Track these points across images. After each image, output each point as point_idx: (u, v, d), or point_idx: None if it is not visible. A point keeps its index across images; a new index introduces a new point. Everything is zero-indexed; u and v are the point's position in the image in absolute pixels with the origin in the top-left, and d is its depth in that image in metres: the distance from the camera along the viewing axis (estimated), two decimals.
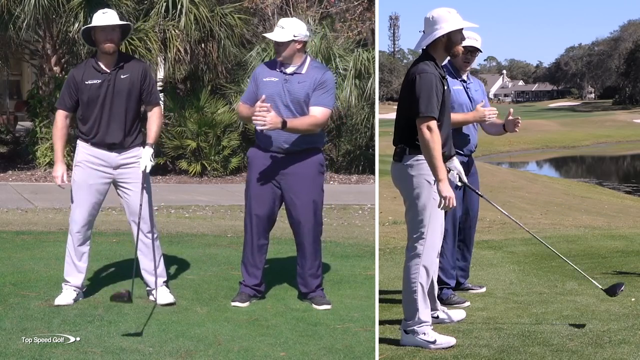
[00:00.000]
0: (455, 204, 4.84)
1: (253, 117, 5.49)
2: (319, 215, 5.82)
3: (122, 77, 5.62)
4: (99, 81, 5.60)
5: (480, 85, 6.41)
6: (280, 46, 5.68)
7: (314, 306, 5.78)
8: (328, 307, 5.77)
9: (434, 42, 4.96)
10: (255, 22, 16.79)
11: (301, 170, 5.73)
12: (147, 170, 5.62)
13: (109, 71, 5.63)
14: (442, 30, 4.91)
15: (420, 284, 4.94)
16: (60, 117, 5.72)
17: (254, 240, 5.85)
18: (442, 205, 4.81)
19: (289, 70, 5.72)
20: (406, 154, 4.98)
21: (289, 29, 5.67)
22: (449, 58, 5.62)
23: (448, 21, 4.92)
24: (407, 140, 4.99)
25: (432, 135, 4.79)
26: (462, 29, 5.01)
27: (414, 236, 4.98)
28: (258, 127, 5.54)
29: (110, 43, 5.58)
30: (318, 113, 5.66)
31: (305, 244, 5.83)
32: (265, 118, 5.43)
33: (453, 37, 4.96)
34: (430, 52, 5.00)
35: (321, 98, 5.67)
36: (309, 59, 5.81)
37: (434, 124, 4.81)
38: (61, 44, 14.84)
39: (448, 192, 4.77)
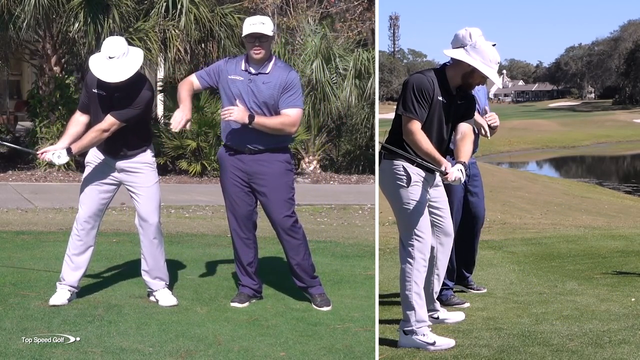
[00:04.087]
0: (462, 179, 4.82)
1: (221, 111, 5.55)
2: (290, 214, 5.79)
3: (116, 94, 5.49)
4: (104, 93, 5.53)
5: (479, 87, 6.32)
6: (265, 42, 5.62)
7: (315, 307, 5.78)
8: (329, 308, 5.77)
9: (459, 63, 4.92)
10: None
11: (268, 170, 5.72)
12: (43, 158, 5.49)
13: (112, 86, 5.50)
14: (474, 62, 4.85)
15: (415, 282, 4.95)
16: (75, 115, 5.69)
17: (238, 239, 5.88)
18: (453, 179, 4.79)
19: (254, 70, 5.67)
20: (383, 159, 5.02)
21: (269, 24, 5.64)
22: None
23: (485, 61, 4.86)
24: (387, 143, 5.02)
25: (412, 136, 4.83)
26: (486, 77, 4.94)
27: (403, 237, 5.01)
28: (225, 119, 5.54)
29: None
30: (292, 114, 5.65)
31: (284, 241, 5.84)
32: (232, 111, 5.47)
33: (476, 74, 4.90)
34: (448, 69, 4.98)
35: (291, 99, 5.64)
36: (274, 58, 5.77)
37: (413, 125, 4.82)
38: (61, 44, 14.85)
39: (452, 170, 4.78)
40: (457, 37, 5.69)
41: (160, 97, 16.44)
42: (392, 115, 5.03)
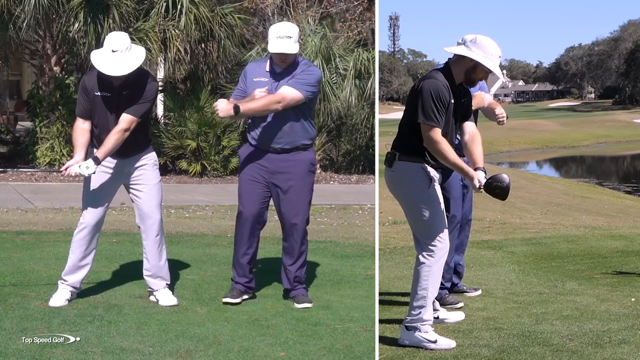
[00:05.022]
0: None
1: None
2: (306, 214, 5.82)
3: (124, 92, 5.50)
4: (108, 94, 5.52)
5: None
6: (289, 56, 5.66)
7: (295, 305, 5.79)
8: (309, 305, 5.77)
9: (461, 59, 4.90)
10: (255, 22, 16.79)
11: (291, 169, 5.73)
12: (69, 173, 5.44)
13: (116, 85, 5.50)
14: (477, 56, 4.82)
15: (432, 283, 4.94)
16: (78, 123, 5.64)
17: (242, 235, 5.87)
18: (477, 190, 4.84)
19: (279, 70, 5.72)
20: (396, 160, 4.97)
21: (295, 36, 5.63)
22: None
23: (486, 55, 4.83)
24: (399, 146, 4.98)
25: (437, 145, 4.78)
26: (490, 71, 4.91)
27: (423, 237, 4.96)
28: (219, 116, 5.60)
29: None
30: (280, 90, 5.61)
31: (291, 242, 5.84)
32: (217, 106, 5.51)
33: (479, 69, 4.87)
34: (452, 67, 4.95)
35: (292, 81, 5.64)
36: (297, 57, 5.80)
37: (435, 133, 4.77)
38: (61, 44, 14.84)
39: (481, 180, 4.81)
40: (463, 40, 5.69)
41: (160, 97, 16.42)
42: (392, 116, 5.05)
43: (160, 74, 15.75)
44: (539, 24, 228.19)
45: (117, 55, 5.38)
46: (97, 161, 5.45)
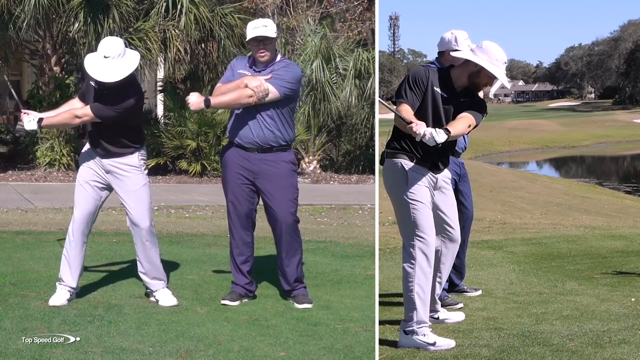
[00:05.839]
0: (436, 139, 4.64)
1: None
2: (294, 213, 5.82)
3: (104, 91, 5.50)
4: (97, 87, 5.55)
5: None
6: (269, 44, 5.68)
7: (296, 305, 5.79)
8: (309, 305, 5.77)
9: (465, 63, 4.91)
10: None
11: (273, 170, 5.75)
12: (21, 118, 5.57)
13: (105, 84, 5.51)
14: (482, 61, 4.82)
15: (418, 284, 4.94)
16: (74, 99, 5.80)
17: (235, 237, 5.88)
18: (421, 133, 4.64)
19: (259, 68, 5.74)
20: (385, 158, 5.03)
21: (271, 26, 5.70)
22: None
23: (491, 60, 4.84)
24: (387, 144, 5.04)
25: (397, 108, 4.82)
26: (495, 78, 4.89)
27: (405, 237, 5.00)
28: (192, 109, 5.70)
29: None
30: (251, 84, 5.60)
31: (282, 242, 5.84)
32: (188, 100, 5.58)
33: (483, 74, 4.87)
34: (454, 68, 4.96)
35: (270, 79, 5.65)
36: (279, 56, 5.83)
37: (401, 106, 4.83)
38: (61, 44, 14.85)
39: (420, 125, 4.67)
40: (443, 40, 5.73)
41: (160, 97, 16.43)
42: (392, 116, 5.02)
43: (160, 74, 15.77)
44: (539, 24, 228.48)
45: (108, 61, 5.40)
46: (40, 122, 5.56)
